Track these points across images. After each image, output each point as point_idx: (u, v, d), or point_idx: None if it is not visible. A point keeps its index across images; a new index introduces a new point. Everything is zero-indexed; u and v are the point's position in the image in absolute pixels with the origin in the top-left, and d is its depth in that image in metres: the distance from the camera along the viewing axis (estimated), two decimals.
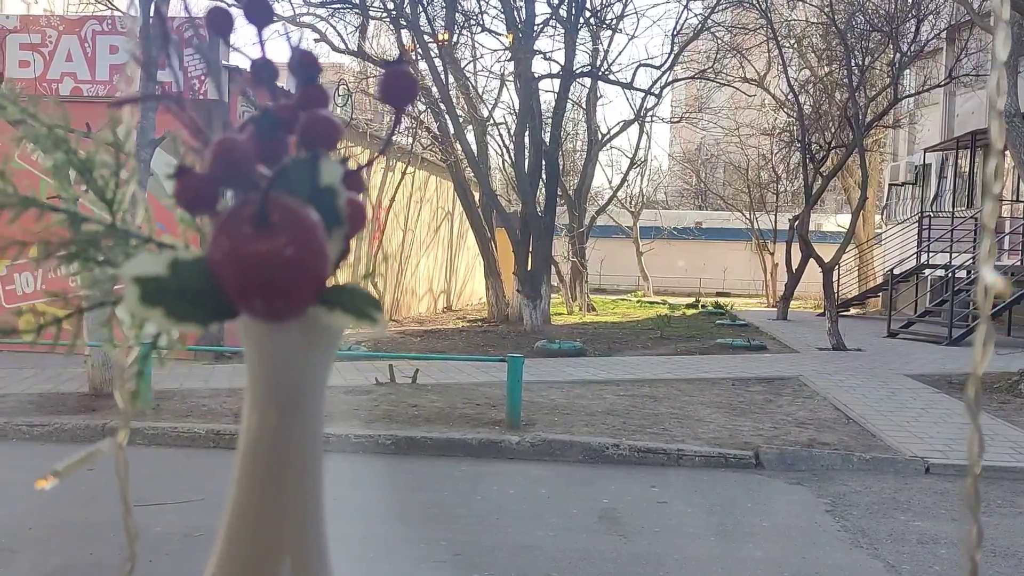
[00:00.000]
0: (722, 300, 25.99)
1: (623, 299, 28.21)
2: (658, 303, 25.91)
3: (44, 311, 0.58)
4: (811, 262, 17.25)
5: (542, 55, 19.12)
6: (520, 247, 16.87)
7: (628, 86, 21.11)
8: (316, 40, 18.73)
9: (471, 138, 18.33)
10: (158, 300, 0.53)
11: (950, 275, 16.47)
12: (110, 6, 15.66)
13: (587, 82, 21.73)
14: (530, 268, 16.72)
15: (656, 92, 22.37)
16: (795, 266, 20.17)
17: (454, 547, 5.34)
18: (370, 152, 17.26)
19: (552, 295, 18.70)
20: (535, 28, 17.83)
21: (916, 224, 20.79)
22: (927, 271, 19.55)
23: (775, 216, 27.23)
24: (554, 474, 7.11)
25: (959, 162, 20.66)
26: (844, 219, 26.87)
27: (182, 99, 0.56)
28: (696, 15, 21.38)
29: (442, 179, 21.68)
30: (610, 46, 21.44)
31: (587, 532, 5.69)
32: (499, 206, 19.04)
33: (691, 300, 26.09)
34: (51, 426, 7.76)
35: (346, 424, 7.85)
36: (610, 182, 32.81)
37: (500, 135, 21.83)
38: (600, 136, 23.27)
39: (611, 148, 28.84)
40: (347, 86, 18.87)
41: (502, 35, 19.42)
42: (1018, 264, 16.55)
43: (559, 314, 20.41)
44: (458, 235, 24.55)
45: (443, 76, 17.55)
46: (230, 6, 0.63)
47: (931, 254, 19.39)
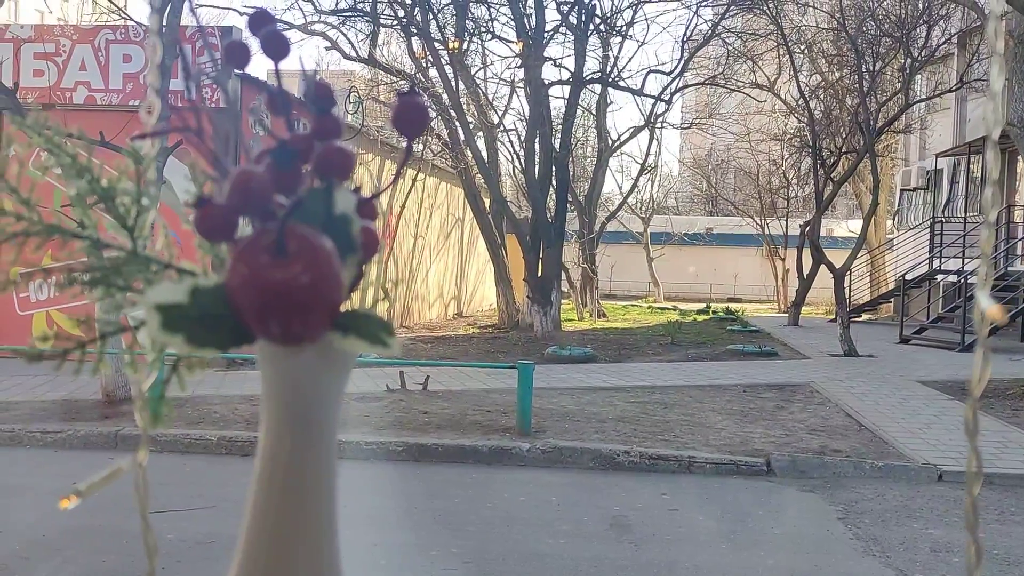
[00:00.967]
0: (733, 306, 25.89)
1: (634, 305, 28.16)
2: (669, 309, 25.83)
3: (68, 335, 0.60)
4: (822, 268, 17.20)
5: (552, 62, 19.19)
6: (530, 253, 16.89)
7: (638, 92, 21.09)
8: (327, 48, 18.86)
9: (481, 145, 18.38)
10: (179, 327, 0.55)
11: (962, 281, 16.39)
12: (124, 15, 15.77)
13: (597, 88, 21.73)
14: (540, 274, 16.74)
15: (666, 98, 22.37)
16: (806, 272, 20.11)
17: (464, 555, 5.35)
18: (380, 159, 17.26)
19: (562, 301, 18.69)
20: (545, 35, 17.87)
21: (928, 229, 20.71)
22: (939, 277, 19.45)
23: (786, 222, 27.15)
24: (565, 481, 7.11)
25: (971, 167, 20.57)
26: (855, 224, 26.77)
27: (203, 132, 0.58)
28: (706, 21, 21.35)
29: (452, 185, 21.74)
30: (620, 52, 21.45)
31: (598, 540, 5.69)
32: (509, 212, 19.07)
33: (702, 306, 26.00)
34: (65, 433, 7.80)
35: (357, 431, 7.87)
36: (620, 188, 32.76)
37: (510, 141, 21.89)
38: (610, 142, 23.25)
39: (621, 154, 28.82)
40: (358, 93, 18.96)
41: (512, 42, 19.49)
42: None
43: (569, 320, 20.41)
44: (468, 241, 24.60)
45: (453, 83, 17.62)
46: (244, 30, 0.65)
47: (943, 259, 19.30)
